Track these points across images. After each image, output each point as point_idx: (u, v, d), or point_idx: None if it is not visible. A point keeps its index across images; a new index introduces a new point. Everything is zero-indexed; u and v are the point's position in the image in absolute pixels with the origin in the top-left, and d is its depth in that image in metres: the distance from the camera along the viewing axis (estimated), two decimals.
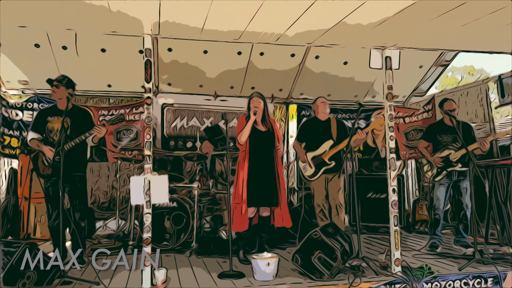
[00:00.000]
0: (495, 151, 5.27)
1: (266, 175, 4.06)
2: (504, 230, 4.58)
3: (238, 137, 4.05)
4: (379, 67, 3.78)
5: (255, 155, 4.06)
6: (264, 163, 4.07)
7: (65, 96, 3.78)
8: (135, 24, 3.20)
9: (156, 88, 6.07)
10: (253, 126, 4.05)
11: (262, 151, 4.09)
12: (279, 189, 4.09)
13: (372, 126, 4.46)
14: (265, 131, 4.14)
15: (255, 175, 4.01)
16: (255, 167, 4.04)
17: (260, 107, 4.10)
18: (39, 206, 5.20)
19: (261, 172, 4.04)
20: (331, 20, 3.19)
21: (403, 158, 6.19)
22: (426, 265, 3.50)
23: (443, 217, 4.58)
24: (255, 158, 4.05)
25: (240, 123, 4.12)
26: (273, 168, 4.11)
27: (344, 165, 4.32)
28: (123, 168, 5.75)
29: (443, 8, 2.96)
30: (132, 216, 4.80)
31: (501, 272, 3.47)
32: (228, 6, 2.88)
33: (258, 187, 3.99)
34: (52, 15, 3.09)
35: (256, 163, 4.05)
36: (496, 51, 4.05)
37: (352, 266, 3.47)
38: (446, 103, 4.55)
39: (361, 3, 2.86)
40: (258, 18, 3.07)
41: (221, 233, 4.91)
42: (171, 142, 6.15)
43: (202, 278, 3.46)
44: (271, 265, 3.35)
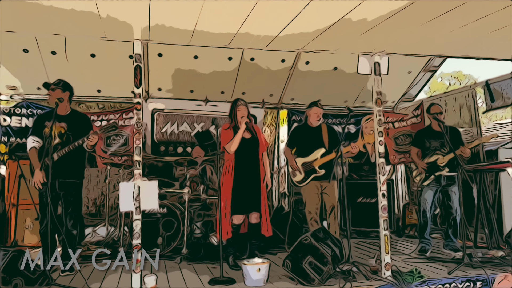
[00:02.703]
0: (481, 156, 5.34)
1: (252, 182, 4.04)
2: (492, 233, 4.63)
3: (227, 147, 4.01)
4: (368, 72, 3.81)
5: (241, 162, 4.04)
6: (250, 170, 4.06)
7: (65, 100, 3.75)
8: (125, 29, 3.20)
9: (146, 93, 6.05)
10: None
11: (247, 158, 4.07)
12: (262, 196, 4.08)
13: (365, 141, 4.43)
14: (249, 138, 4.12)
15: (241, 182, 4.00)
16: (241, 174, 4.02)
17: (246, 115, 4.07)
18: (27, 212, 5.12)
19: (247, 179, 4.02)
20: (320, 27, 3.22)
21: (392, 162, 6.23)
22: (416, 269, 3.51)
23: (432, 221, 4.62)
24: (241, 166, 4.04)
25: (225, 132, 4.08)
26: (258, 175, 4.10)
27: (334, 169, 4.33)
28: (113, 174, 5.70)
29: (431, 15, 3.01)
30: (122, 222, 4.76)
31: (489, 276, 3.50)
32: (218, 11, 2.88)
33: (244, 194, 3.98)
34: (41, 20, 3.08)
35: (242, 170, 4.03)
36: (482, 56, 4.11)
37: (343, 271, 3.47)
38: (433, 107, 4.62)
39: (349, 10, 2.89)
40: (249, 23, 3.08)
41: (211, 239, 4.88)
42: (161, 147, 6.13)
43: (193, 284, 3.43)
44: (262, 270, 3.35)
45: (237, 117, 4.08)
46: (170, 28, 3.20)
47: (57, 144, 3.67)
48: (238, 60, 5.69)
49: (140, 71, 3.37)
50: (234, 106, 4.14)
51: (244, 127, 3.99)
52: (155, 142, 6.13)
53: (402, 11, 2.91)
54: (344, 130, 4.51)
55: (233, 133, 4.04)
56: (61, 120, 3.77)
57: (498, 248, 4.43)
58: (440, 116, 4.47)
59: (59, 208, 3.78)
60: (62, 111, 3.82)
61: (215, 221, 5.06)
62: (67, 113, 3.87)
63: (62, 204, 3.75)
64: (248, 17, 2.99)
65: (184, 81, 5.94)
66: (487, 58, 4.16)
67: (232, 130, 4.07)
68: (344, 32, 3.32)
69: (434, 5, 2.82)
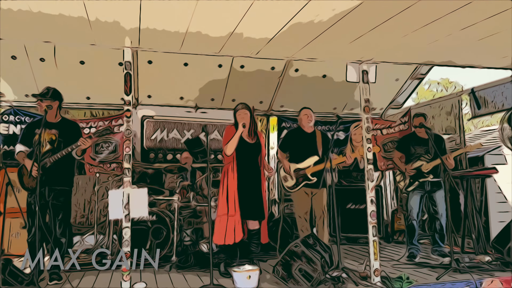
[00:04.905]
0: (464, 163, 5.41)
1: (254, 188, 4.03)
2: (479, 239, 4.70)
3: (225, 148, 3.99)
4: (356, 80, 3.87)
5: (243, 167, 4.01)
6: (252, 176, 4.05)
7: (54, 108, 3.74)
8: (114, 37, 3.20)
9: (136, 100, 6.04)
10: (241, 137, 3.99)
11: (250, 164, 4.05)
12: (264, 203, 4.09)
13: (356, 155, 4.48)
14: (253, 143, 4.10)
15: (244, 187, 3.97)
16: (244, 179, 3.99)
17: (247, 119, 4.04)
18: (14, 221, 5.05)
19: (249, 185, 4.00)
20: (309, 35, 3.27)
21: (381, 169, 6.28)
22: (405, 275, 3.54)
23: (419, 226, 4.68)
24: (244, 171, 4.00)
25: (227, 132, 4.05)
26: (259, 181, 4.09)
27: (324, 176, 4.36)
28: (102, 181, 5.65)
29: (417, 24, 3.07)
30: (111, 230, 4.72)
31: (477, 280, 3.54)
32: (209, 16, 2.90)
33: (248, 200, 3.96)
34: (30, 27, 3.07)
35: (245, 175, 4.00)
36: (467, 64, 4.20)
37: (333, 277, 3.48)
38: (416, 119, 4.73)
39: (338, 20, 2.95)
40: (240, 29, 3.11)
41: (201, 246, 4.86)
42: (151, 154, 6.10)
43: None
44: (252, 277, 3.35)
45: (238, 120, 4.04)
46: (160, 37, 3.21)
47: (48, 150, 3.66)
48: (228, 68, 5.72)
49: (130, 78, 3.37)
50: (235, 110, 4.12)
51: (240, 130, 3.93)
52: (145, 149, 6.11)
53: (388, 21, 2.97)
54: (333, 137, 4.56)
55: (233, 134, 4.00)
56: (52, 127, 3.75)
57: (485, 253, 4.49)
58: (421, 128, 4.54)
59: (47, 216, 3.74)
60: (52, 118, 3.80)
61: (204, 229, 5.05)
62: (58, 120, 3.85)
63: (51, 212, 3.71)
64: (237, 26, 3.02)
65: (174, 88, 5.94)
66: (473, 66, 4.26)
67: (233, 130, 4.01)
68: (332, 42, 3.37)
69: (420, 15, 2.89)
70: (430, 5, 2.71)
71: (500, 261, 4.08)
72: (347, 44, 3.44)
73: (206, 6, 2.70)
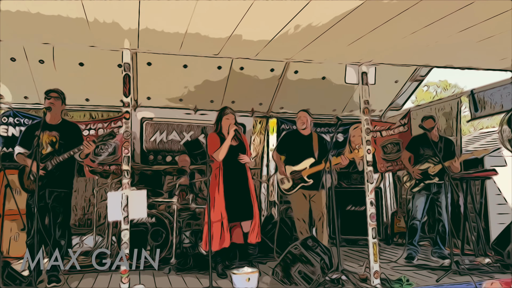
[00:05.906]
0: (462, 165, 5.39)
1: (241, 190, 4.06)
2: (479, 241, 4.69)
3: (215, 155, 4.01)
4: (355, 82, 3.86)
5: (229, 170, 4.06)
6: (238, 178, 4.08)
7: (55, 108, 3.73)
8: (114, 38, 3.20)
9: (135, 102, 6.03)
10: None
11: (236, 166, 4.08)
12: (253, 202, 4.10)
13: (353, 155, 4.45)
14: (236, 145, 4.14)
15: (232, 189, 4.01)
16: (230, 182, 4.03)
17: (233, 123, 4.09)
18: (13, 223, 5.04)
19: (236, 187, 4.04)
20: (309, 37, 3.27)
21: (380, 171, 6.28)
22: (405, 277, 3.54)
23: (420, 228, 4.66)
24: (230, 173, 4.05)
25: (212, 139, 4.09)
26: (246, 182, 4.12)
27: (323, 178, 4.35)
28: (101, 183, 5.64)
29: (416, 26, 3.07)
30: (110, 232, 4.71)
31: (477, 283, 3.53)
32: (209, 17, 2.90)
33: (236, 202, 3.98)
34: (28, 29, 3.06)
35: (231, 178, 4.04)
36: (467, 66, 4.21)
37: (332, 279, 3.48)
38: (426, 122, 4.64)
39: (337, 21, 2.94)
40: (239, 30, 3.10)
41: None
42: (150, 156, 6.10)
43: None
44: (251, 280, 3.34)
45: (222, 125, 4.09)
46: (159, 39, 3.20)
47: (49, 153, 3.65)
48: (228, 69, 5.71)
49: (129, 80, 3.36)
50: (222, 114, 4.16)
51: (232, 135, 3.99)
52: (144, 151, 6.10)
53: (388, 23, 2.97)
54: (332, 139, 4.54)
55: (219, 140, 4.05)
56: (52, 129, 3.74)
57: (485, 255, 4.48)
58: (433, 130, 4.53)
59: (46, 218, 3.73)
60: (53, 120, 3.80)
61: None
62: (58, 122, 3.84)
63: (50, 214, 3.70)
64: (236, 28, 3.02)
65: (173, 90, 5.94)
66: (472, 68, 4.26)
67: (217, 137, 4.08)
68: (332, 43, 3.36)
69: (420, 16, 2.89)
70: (429, 6, 2.71)
71: (500, 263, 4.07)
72: (346, 46, 3.44)
73: (205, 7, 2.69)
